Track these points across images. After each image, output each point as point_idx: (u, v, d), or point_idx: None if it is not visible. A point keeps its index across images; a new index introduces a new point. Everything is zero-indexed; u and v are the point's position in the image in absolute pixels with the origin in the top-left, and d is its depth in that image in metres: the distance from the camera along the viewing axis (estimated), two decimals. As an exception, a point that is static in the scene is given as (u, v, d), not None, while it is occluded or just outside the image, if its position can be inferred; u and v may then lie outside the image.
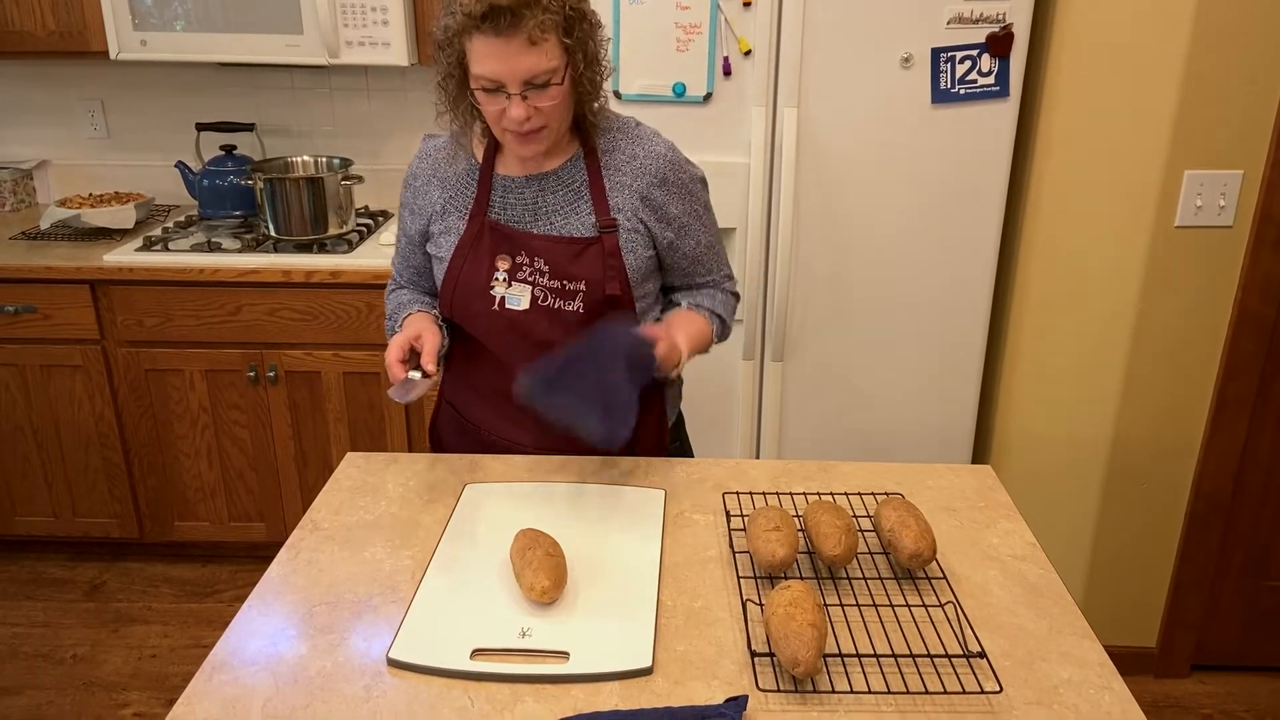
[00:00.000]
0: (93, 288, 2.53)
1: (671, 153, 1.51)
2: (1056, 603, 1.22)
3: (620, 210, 1.47)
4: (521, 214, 1.49)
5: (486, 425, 1.61)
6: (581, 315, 1.46)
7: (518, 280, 1.48)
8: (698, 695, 1.06)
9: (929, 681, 1.08)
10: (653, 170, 1.48)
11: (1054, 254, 2.19)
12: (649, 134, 1.52)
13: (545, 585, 1.16)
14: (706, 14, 2.07)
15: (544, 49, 1.31)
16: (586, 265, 1.46)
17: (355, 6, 2.48)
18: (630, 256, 1.48)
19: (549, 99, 1.35)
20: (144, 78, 2.94)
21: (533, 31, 1.29)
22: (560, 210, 1.48)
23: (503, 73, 1.31)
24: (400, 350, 1.41)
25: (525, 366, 1.39)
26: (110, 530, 2.78)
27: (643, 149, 1.49)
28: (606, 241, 1.46)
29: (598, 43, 1.40)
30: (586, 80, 1.40)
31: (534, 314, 1.47)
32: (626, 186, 1.48)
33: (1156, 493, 2.34)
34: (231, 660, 1.12)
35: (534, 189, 1.48)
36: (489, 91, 1.34)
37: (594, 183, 1.47)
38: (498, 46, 1.30)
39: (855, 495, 1.45)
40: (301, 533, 1.36)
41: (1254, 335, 2.17)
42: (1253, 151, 2.06)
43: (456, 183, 1.52)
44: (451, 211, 1.52)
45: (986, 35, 2.05)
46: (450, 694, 1.06)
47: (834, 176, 2.17)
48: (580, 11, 1.36)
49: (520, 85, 1.32)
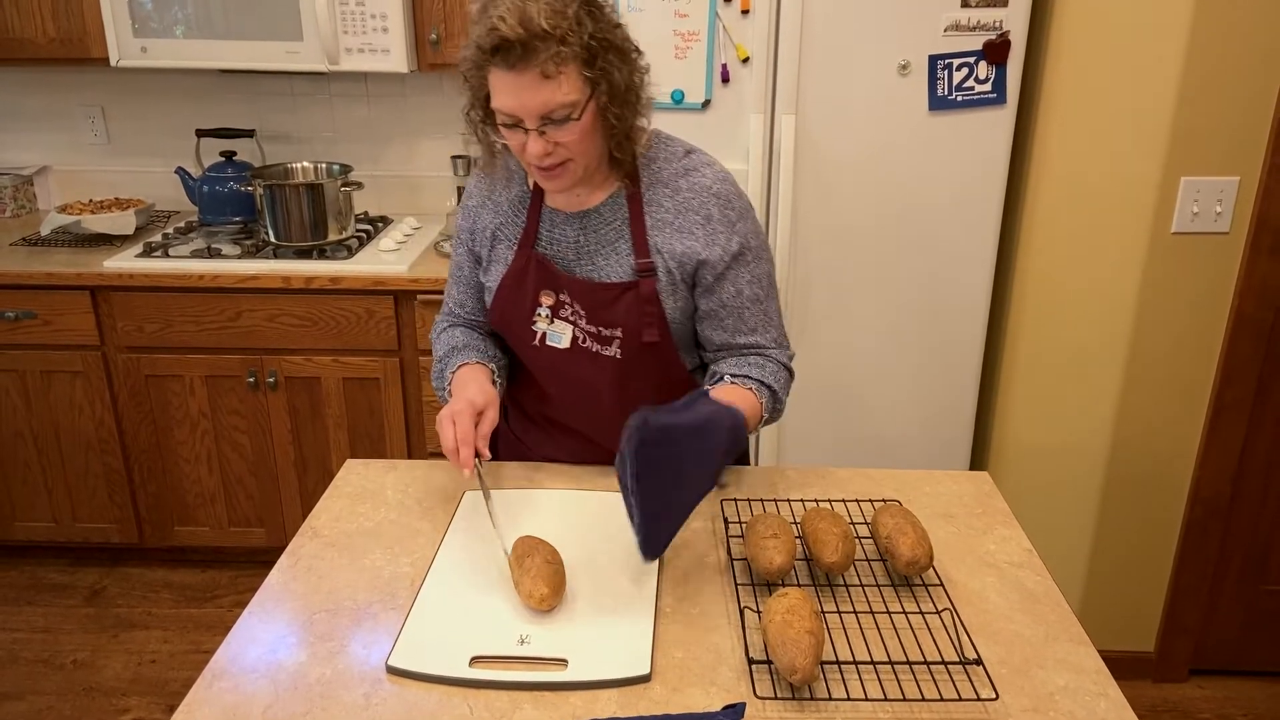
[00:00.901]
0: (93, 294, 2.54)
1: (720, 185, 1.40)
2: (1053, 609, 1.23)
3: (660, 251, 1.39)
4: (565, 251, 1.44)
5: (529, 440, 1.61)
6: (619, 361, 1.43)
7: (560, 318, 1.44)
8: (696, 702, 1.06)
9: (925, 689, 1.08)
10: (696, 206, 1.39)
11: (1051, 260, 2.19)
12: (698, 164, 1.41)
13: (544, 593, 1.16)
14: (705, 21, 2.08)
15: (560, 82, 1.23)
16: (622, 312, 1.40)
17: (355, 13, 2.49)
18: (670, 300, 1.41)
19: (567, 134, 1.27)
20: (144, 84, 2.95)
21: (545, 65, 1.22)
22: (601, 250, 1.42)
23: (517, 108, 1.25)
24: (464, 433, 1.32)
25: (646, 411, 1.17)
26: (110, 536, 2.78)
27: (686, 182, 1.39)
28: (643, 287, 1.39)
29: (630, 73, 1.31)
30: (612, 115, 1.30)
31: (574, 354, 1.44)
32: (669, 225, 1.39)
33: (1155, 497, 2.35)
34: (232, 668, 1.12)
35: (577, 226, 1.43)
36: (508, 126, 1.29)
37: (635, 221, 1.40)
38: (511, 80, 1.24)
39: (853, 502, 1.45)
40: (301, 540, 1.37)
41: (1251, 340, 2.17)
42: (1249, 158, 2.07)
43: (509, 210, 1.47)
44: (501, 240, 1.48)
45: (984, 43, 2.05)
46: (449, 701, 1.06)
47: (832, 183, 2.17)
48: (606, 42, 1.27)
49: (536, 120, 1.26)
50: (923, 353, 2.28)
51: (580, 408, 1.52)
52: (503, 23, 1.20)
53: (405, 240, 2.69)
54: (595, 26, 1.26)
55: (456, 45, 2.57)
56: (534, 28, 1.20)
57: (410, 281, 2.47)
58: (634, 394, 1.44)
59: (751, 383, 1.42)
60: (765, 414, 1.43)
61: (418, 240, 2.72)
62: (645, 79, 1.34)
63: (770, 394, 1.43)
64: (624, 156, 1.37)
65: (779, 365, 1.46)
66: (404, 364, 2.58)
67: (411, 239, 2.72)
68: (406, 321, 2.54)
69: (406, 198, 3.03)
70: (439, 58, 2.58)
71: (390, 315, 2.52)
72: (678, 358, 1.47)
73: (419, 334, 2.53)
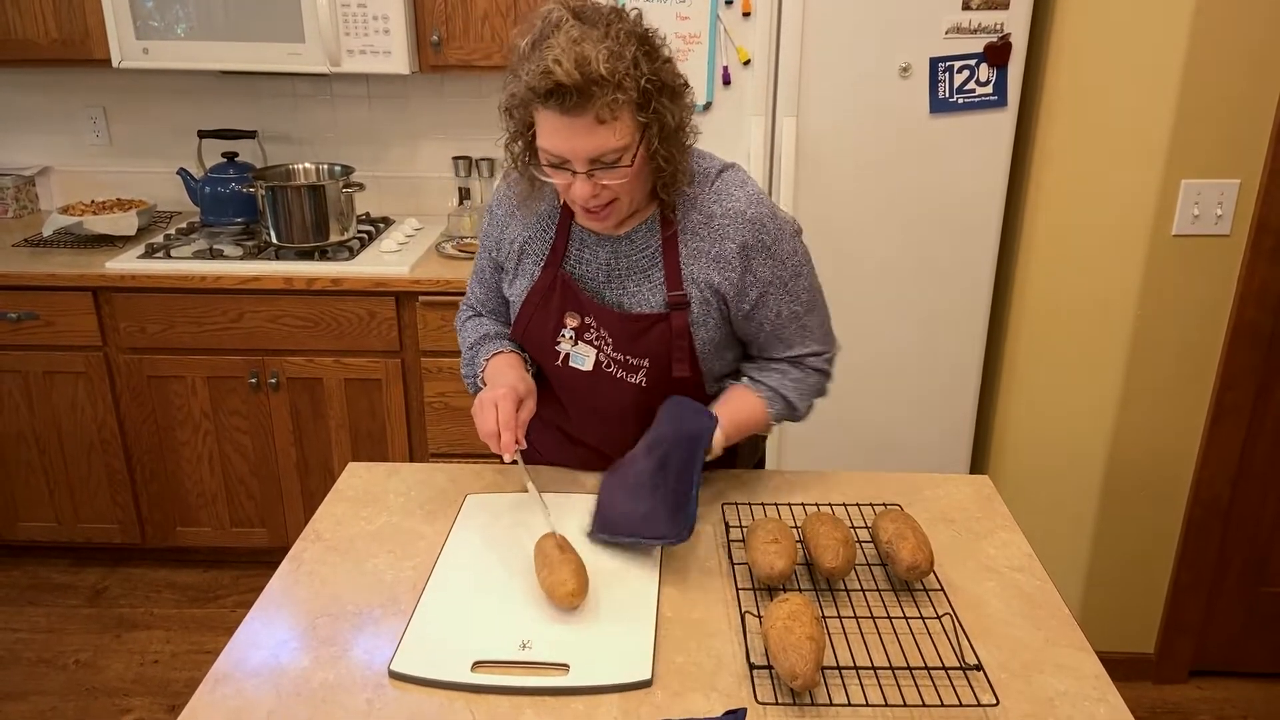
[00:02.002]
0: (95, 295, 2.54)
1: (753, 209, 1.35)
2: (1053, 614, 1.23)
3: (694, 281, 1.36)
4: (595, 273, 1.40)
5: (545, 451, 1.60)
6: (644, 389, 1.41)
7: (584, 340, 1.42)
8: (697, 707, 1.07)
9: (926, 694, 1.09)
10: (731, 234, 1.35)
11: (1052, 262, 2.20)
12: (730, 186, 1.37)
13: (573, 587, 1.17)
14: (706, 24, 2.09)
15: (614, 128, 1.20)
16: (652, 344, 1.38)
17: (357, 15, 2.49)
18: (701, 331, 1.39)
19: (617, 178, 1.25)
20: (146, 85, 2.95)
21: (600, 111, 1.17)
22: (633, 276, 1.39)
23: (567, 151, 1.22)
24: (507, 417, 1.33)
25: (596, 514, 1.34)
26: (113, 536, 2.79)
27: (720, 207, 1.35)
28: (675, 320, 1.36)
29: (681, 112, 1.28)
30: (662, 157, 1.27)
31: (597, 377, 1.43)
32: (704, 254, 1.36)
33: (1155, 499, 2.35)
34: (235, 672, 1.13)
35: (609, 250, 1.40)
36: (554, 166, 1.25)
37: (668, 250, 1.36)
38: (563, 124, 1.19)
39: (854, 506, 1.46)
40: (304, 543, 1.37)
41: (1251, 343, 2.17)
42: (1249, 161, 2.07)
43: (538, 224, 1.44)
44: (529, 254, 1.44)
45: (985, 45, 2.06)
46: (451, 706, 1.07)
47: (833, 185, 2.18)
48: (660, 83, 1.23)
49: (586, 165, 1.22)
50: (924, 354, 2.29)
51: (598, 427, 1.51)
52: (558, 66, 1.15)
53: (407, 241, 2.70)
54: (651, 68, 1.21)
55: (458, 47, 2.57)
56: (591, 73, 1.15)
57: (412, 282, 2.48)
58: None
59: (763, 389, 1.44)
60: (773, 420, 1.45)
61: (419, 241, 2.72)
62: (689, 115, 1.30)
63: (784, 402, 1.45)
64: (668, 197, 1.34)
65: (808, 371, 1.47)
66: (405, 365, 2.58)
67: (413, 240, 2.72)
68: (408, 323, 2.54)
69: (408, 199, 3.04)
70: (440, 59, 2.58)
71: (392, 316, 2.52)
72: (704, 390, 1.46)
73: (420, 335, 2.54)
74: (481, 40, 2.56)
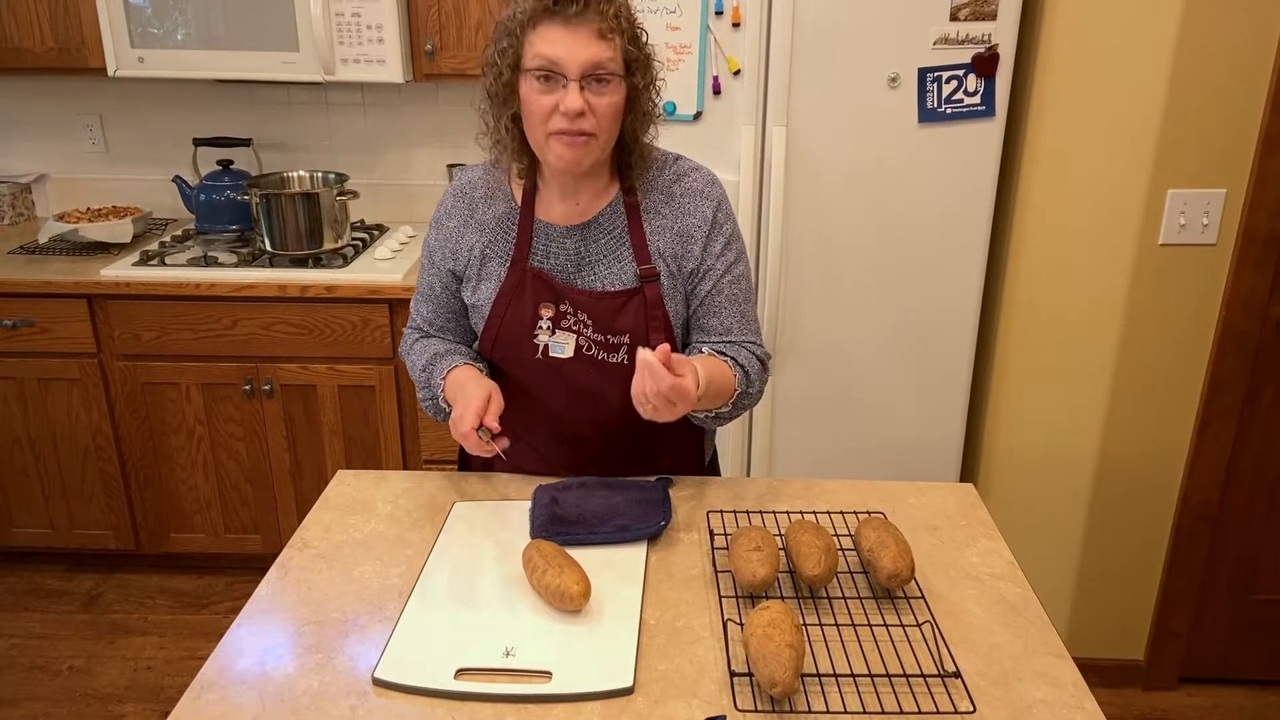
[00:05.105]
0: (90, 302, 2.55)
1: (710, 188, 1.47)
2: (1033, 622, 1.24)
3: (660, 255, 1.45)
4: (564, 264, 1.46)
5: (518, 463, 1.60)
6: (626, 367, 1.44)
7: (562, 329, 1.46)
8: (678, 715, 1.08)
9: (904, 701, 1.10)
10: (691, 210, 1.45)
11: (1040, 271, 2.21)
12: (688, 169, 1.49)
13: (578, 590, 1.19)
14: (696, 34, 2.10)
15: (609, 45, 1.31)
16: (629, 318, 1.44)
17: (351, 24, 2.51)
18: (672, 304, 1.46)
19: (605, 97, 1.33)
20: (142, 93, 2.97)
21: (601, 26, 1.30)
22: (603, 259, 1.45)
23: (565, 57, 1.30)
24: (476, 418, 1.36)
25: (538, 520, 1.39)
26: (107, 542, 2.80)
27: (680, 187, 1.46)
28: (648, 292, 1.44)
29: (654, 78, 1.41)
30: (645, 101, 1.40)
31: (578, 362, 1.46)
32: (667, 229, 1.45)
33: (1144, 506, 2.36)
34: (220, 679, 1.14)
35: (575, 239, 1.45)
36: (546, 79, 1.31)
37: (634, 228, 1.45)
38: (564, 33, 1.30)
39: (837, 514, 1.47)
40: (291, 551, 1.38)
41: (1238, 351, 2.19)
42: (1235, 170, 2.09)
43: (495, 227, 1.48)
44: (491, 258, 1.48)
45: (972, 56, 2.07)
46: (434, 714, 1.08)
47: (822, 194, 2.19)
48: (643, 40, 1.38)
49: (580, 70, 1.30)
50: (913, 362, 2.30)
51: (585, 416, 1.52)
52: None
53: (400, 249, 2.71)
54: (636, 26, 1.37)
55: (451, 56, 2.58)
56: None
57: (405, 290, 2.49)
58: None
59: (728, 359, 1.46)
60: (738, 386, 1.45)
61: (413, 249, 2.73)
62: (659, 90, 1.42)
63: (744, 374, 1.46)
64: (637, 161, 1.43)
65: (751, 355, 1.50)
66: (399, 372, 2.60)
67: (407, 247, 2.74)
68: (401, 330, 2.55)
69: (402, 206, 3.05)
70: (434, 68, 2.60)
71: (385, 323, 2.54)
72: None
73: (413, 342, 2.55)
74: (475, 49, 2.58)
